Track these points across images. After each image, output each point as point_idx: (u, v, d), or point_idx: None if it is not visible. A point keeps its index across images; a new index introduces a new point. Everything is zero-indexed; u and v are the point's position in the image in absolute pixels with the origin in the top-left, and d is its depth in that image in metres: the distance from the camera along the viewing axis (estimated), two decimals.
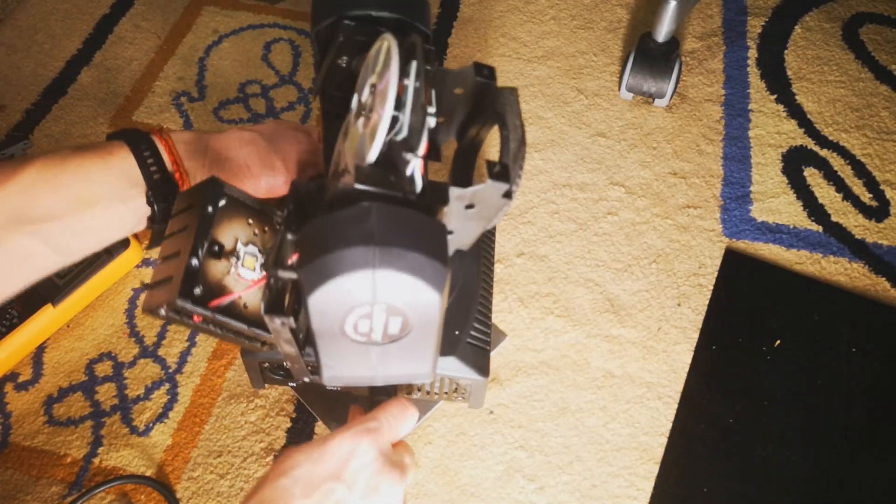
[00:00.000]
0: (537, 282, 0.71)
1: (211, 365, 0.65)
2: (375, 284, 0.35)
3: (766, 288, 0.70)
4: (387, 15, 0.45)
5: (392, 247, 0.35)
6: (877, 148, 0.81)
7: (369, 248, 0.34)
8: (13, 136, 0.80)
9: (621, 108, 0.84)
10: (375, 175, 0.38)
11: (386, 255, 0.34)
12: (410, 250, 0.35)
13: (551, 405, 0.64)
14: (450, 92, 0.46)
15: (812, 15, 0.93)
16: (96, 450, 0.61)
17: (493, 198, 0.40)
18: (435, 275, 0.35)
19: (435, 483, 0.60)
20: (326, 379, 0.43)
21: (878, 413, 0.63)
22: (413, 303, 0.36)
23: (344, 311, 0.36)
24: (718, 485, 0.60)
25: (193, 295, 0.40)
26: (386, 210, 0.36)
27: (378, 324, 0.38)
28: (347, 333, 0.38)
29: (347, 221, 0.35)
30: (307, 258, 0.35)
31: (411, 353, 0.41)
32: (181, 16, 0.92)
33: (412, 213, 0.37)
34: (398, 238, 0.35)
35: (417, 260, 0.35)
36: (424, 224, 0.37)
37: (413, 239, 0.35)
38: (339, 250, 0.35)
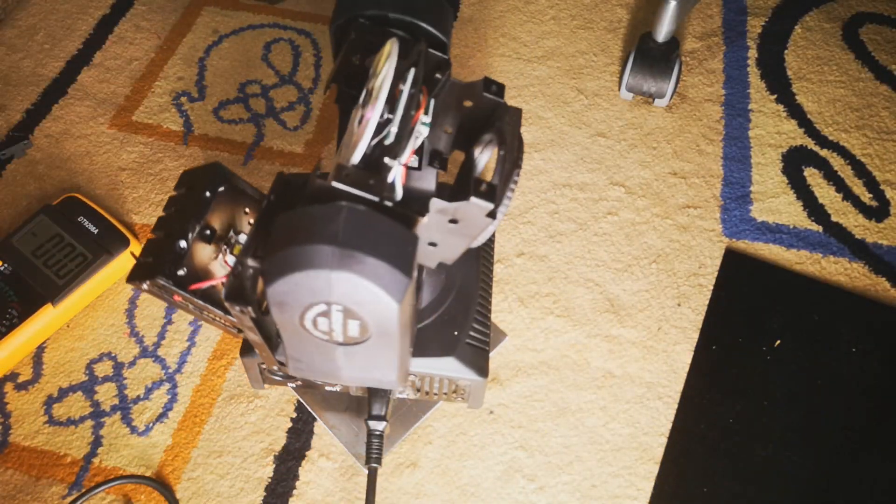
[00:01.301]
0: (537, 282, 0.71)
1: (211, 365, 0.65)
2: (331, 285, 0.35)
3: (766, 288, 0.70)
4: (403, 18, 0.45)
5: (354, 250, 0.35)
6: (877, 148, 0.81)
7: (330, 248, 0.34)
8: (13, 136, 0.80)
9: (621, 108, 0.84)
10: (354, 176, 0.38)
11: (345, 258, 0.34)
12: (372, 256, 0.35)
13: (551, 405, 0.64)
14: (459, 103, 0.46)
15: (812, 15, 0.93)
16: (96, 450, 0.61)
17: (477, 216, 0.40)
18: (394, 284, 0.35)
19: (435, 483, 0.60)
20: (293, 371, 0.44)
21: (878, 413, 0.63)
22: (370, 309, 0.36)
23: (301, 306, 0.37)
24: (718, 485, 0.60)
25: (176, 275, 0.41)
26: (356, 213, 0.36)
27: (337, 324, 0.38)
28: (307, 328, 0.38)
29: (317, 219, 0.36)
30: (272, 249, 0.36)
31: (376, 359, 0.41)
32: (181, 16, 0.92)
33: (383, 219, 0.37)
34: (362, 242, 0.35)
35: (377, 266, 0.35)
36: (394, 232, 0.36)
37: (378, 245, 0.35)
38: (301, 246, 0.35)
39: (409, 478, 0.60)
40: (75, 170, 0.78)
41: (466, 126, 0.47)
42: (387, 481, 0.60)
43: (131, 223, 0.74)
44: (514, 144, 0.43)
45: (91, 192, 0.76)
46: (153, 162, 0.78)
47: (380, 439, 0.56)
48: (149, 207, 0.75)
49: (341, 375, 0.43)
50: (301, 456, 0.61)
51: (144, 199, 0.76)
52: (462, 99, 0.45)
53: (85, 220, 0.70)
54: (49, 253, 0.67)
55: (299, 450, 0.61)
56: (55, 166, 0.78)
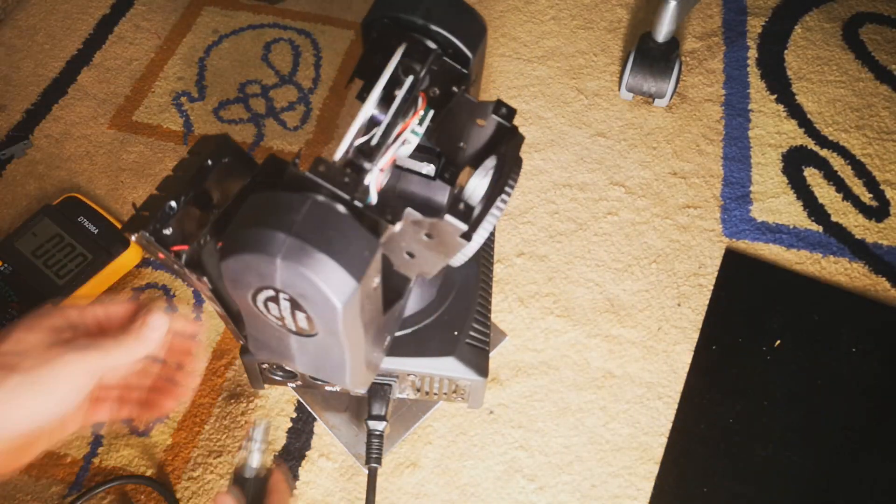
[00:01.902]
0: (537, 282, 0.71)
1: (211, 365, 0.65)
2: (277, 272, 0.35)
3: (766, 288, 0.70)
4: (428, 25, 0.44)
5: (306, 242, 0.35)
6: (877, 148, 0.81)
7: (283, 236, 0.35)
8: (13, 136, 0.80)
9: (621, 108, 0.84)
10: (329, 171, 0.38)
11: (294, 248, 0.35)
12: (323, 252, 0.35)
13: (551, 405, 0.64)
14: (471, 121, 0.45)
15: (812, 15, 0.93)
16: (96, 450, 0.61)
17: (451, 235, 0.40)
18: (340, 284, 0.35)
19: (435, 483, 0.60)
20: (252, 349, 0.45)
21: (878, 413, 0.63)
22: (314, 304, 0.36)
23: (251, 286, 0.37)
24: (718, 485, 0.60)
25: (160, 233, 0.41)
26: (320, 206, 0.36)
27: (286, 312, 0.38)
28: (260, 310, 0.38)
29: (281, 205, 0.36)
30: (233, 226, 0.36)
31: (327, 355, 0.41)
32: (181, 16, 0.92)
33: (347, 218, 0.36)
34: (316, 237, 0.35)
35: (326, 264, 0.35)
36: (354, 233, 0.36)
37: (332, 243, 0.35)
38: (258, 228, 0.35)
39: (409, 478, 0.60)
40: (75, 170, 0.78)
41: (476, 144, 0.47)
42: (387, 481, 0.60)
43: None
44: (507, 171, 0.43)
45: (91, 192, 0.76)
46: (153, 162, 0.78)
47: (380, 439, 0.56)
48: None
49: (296, 363, 0.44)
50: (301, 456, 0.61)
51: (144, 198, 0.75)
52: (476, 117, 0.45)
53: (85, 220, 0.70)
54: (49, 253, 0.67)
55: (299, 450, 0.61)
56: (55, 166, 0.78)
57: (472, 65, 0.45)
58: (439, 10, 0.45)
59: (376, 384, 0.56)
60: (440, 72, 0.45)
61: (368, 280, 0.37)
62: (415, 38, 0.44)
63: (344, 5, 0.94)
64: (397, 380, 0.55)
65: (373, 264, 0.37)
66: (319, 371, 0.44)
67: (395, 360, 0.53)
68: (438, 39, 0.45)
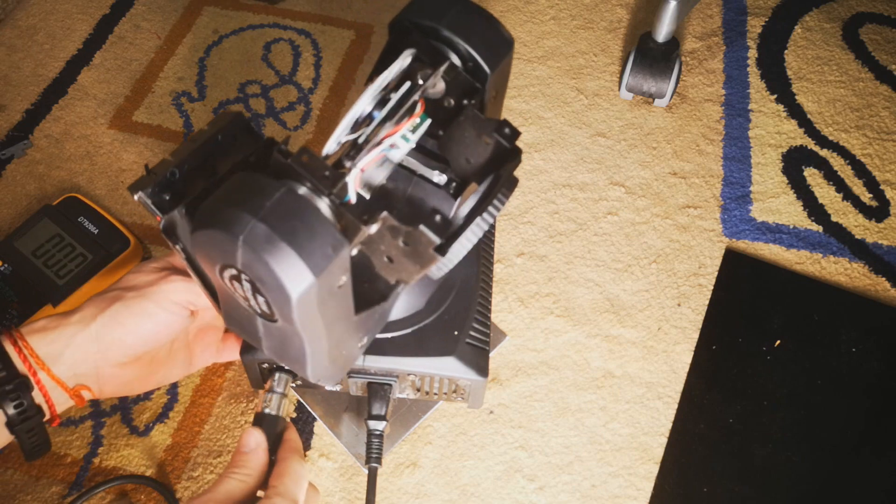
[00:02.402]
0: (537, 282, 0.71)
1: (211, 365, 0.65)
2: (237, 253, 0.36)
3: (766, 288, 0.70)
4: (451, 36, 0.44)
5: (270, 229, 0.35)
6: (877, 148, 0.81)
7: (249, 219, 0.35)
8: (13, 136, 0.80)
9: (621, 108, 0.84)
10: (311, 162, 0.39)
11: (257, 233, 0.35)
12: (284, 241, 0.35)
13: (551, 405, 0.64)
14: (478, 137, 0.45)
15: (812, 15, 0.93)
16: (96, 450, 0.61)
17: (425, 246, 0.41)
18: (297, 276, 0.35)
19: (435, 483, 0.60)
20: (226, 322, 0.46)
21: (877, 413, 0.63)
22: (270, 291, 0.37)
23: (217, 262, 0.38)
24: (718, 485, 0.60)
25: (159, 197, 0.42)
26: (293, 196, 0.36)
27: (248, 293, 0.38)
28: (227, 285, 0.39)
29: (257, 188, 0.36)
30: (209, 201, 0.37)
31: (289, 343, 0.42)
32: (181, 16, 0.92)
33: (317, 212, 0.37)
34: (282, 225, 0.35)
35: (286, 254, 0.35)
36: (321, 228, 0.36)
37: (296, 233, 0.35)
38: (229, 206, 0.36)
39: (409, 478, 0.60)
40: (75, 170, 0.78)
41: (480, 161, 0.47)
42: (387, 481, 0.60)
43: (131, 223, 0.74)
44: (495, 191, 0.43)
45: (91, 192, 0.76)
46: (153, 162, 0.78)
47: (380, 439, 0.56)
48: None
49: (262, 345, 0.44)
50: None
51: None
52: (482, 133, 0.45)
53: (85, 221, 0.70)
54: (49, 253, 0.67)
55: None
56: (55, 166, 0.78)
57: (490, 80, 0.45)
58: (464, 22, 0.45)
59: (376, 384, 0.55)
60: (454, 83, 0.45)
61: (330, 277, 0.37)
62: (433, 45, 0.44)
63: (344, 5, 0.94)
64: (397, 380, 0.55)
65: (336, 262, 0.37)
66: (283, 358, 0.44)
67: (395, 359, 0.53)
68: (459, 50, 0.45)
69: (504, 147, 0.44)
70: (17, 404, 0.45)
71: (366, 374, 0.55)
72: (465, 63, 0.45)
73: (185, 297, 0.49)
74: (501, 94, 0.49)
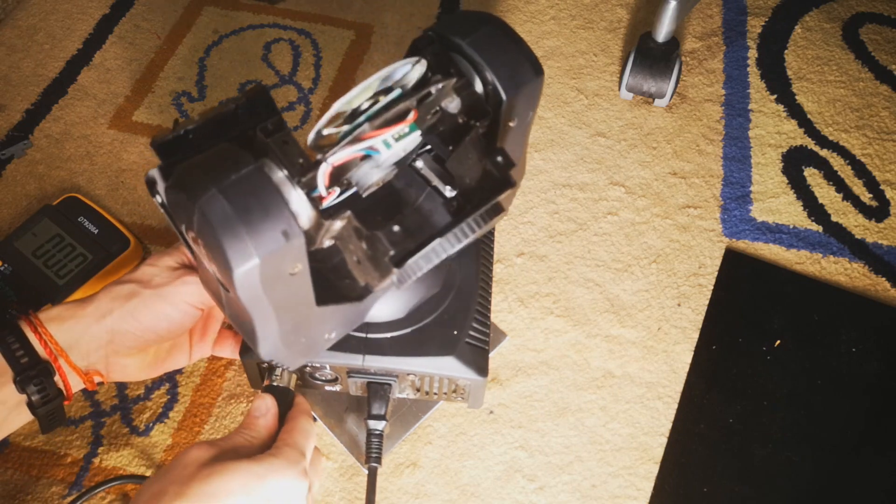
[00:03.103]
0: (537, 282, 0.71)
1: (211, 365, 0.65)
2: (192, 217, 0.36)
3: (766, 288, 0.70)
4: (474, 55, 0.43)
5: (227, 202, 0.36)
6: (877, 148, 0.81)
7: (212, 188, 0.36)
8: (13, 136, 0.80)
9: (621, 108, 0.84)
10: (288, 147, 0.39)
11: (212, 202, 0.36)
12: (237, 216, 0.36)
13: (551, 405, 0.64)
14: (479, 161, 0.45)
15: (812, 15, 0.93)
16: (96, 450, 0.61)
17: (381, 254, 0.41)
18: (240, 253, 0.36)
19: (435, 483, 0.60)
20: (201, 280, 0.47)
21: (878, 413, 0.63)
22: (218, 263, 0.37)
23: (181, 221, 0.39)
24: (718, 485, 0.60)
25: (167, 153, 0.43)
26: (260, 176, 0.37)
27: (205, 259, 0.39)
28: (192, 244, 0.40)
29: (230, 161, 0.37)
30: (187, 163, 0.38)
31: (242, 316, 0.42)
32: (181, 16, 0.92)
33: (278, 198, 0.37)
34: (239, 200, 0.36)
35: (235, 228, 0.36)
36: (277, 213, 0.37)
37: (251, 212, 0.36)
38: (198, 172, 0.37)
39: (409, 478, 0.60)
40: (75, 170, 0.78)
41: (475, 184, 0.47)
42: (387, 481, 0.60)
43: (131, 223, 0.74)
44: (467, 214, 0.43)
45: (91, 192, 0.76)
46: (153, 162, 0.78)
47: (380, 439, 0.56)
48: (149, 207, 0.75)
49: (224, 310, 0.45)
50: None
51: (144, 199, 0.75)
52: (481, 158, 0.45)
53: (85, 221, 0.70)
54: (49, 253, 0.67)
55: None
56: (55, 166, 0.78)
57: (506, 107, 0.44)
58: (490, 43, 0.44)
59: (376, 384, 0.55)
60: (467, 101, 0.44)
61: (278, 262, 0.37)
62: (452, 59, 0.44)
63: (344, 5, 0.94)
64: (397, 379, 0.55)
65: (286, 248, 0.37)
66: (239, 328, 0.45)
67: (395, 359, 0.53)
68: (480, 70, 0.44)
69: (494, 175, 0.44)
70: (40, 388, 0.47)
71: (366, 373, 0.55)
72: (486, 85, 0.44)
73: (199, 298, 0.51)
74: (524, 124, 0.47)
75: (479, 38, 0.43)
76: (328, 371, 0.55)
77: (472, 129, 0.44)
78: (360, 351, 0.53)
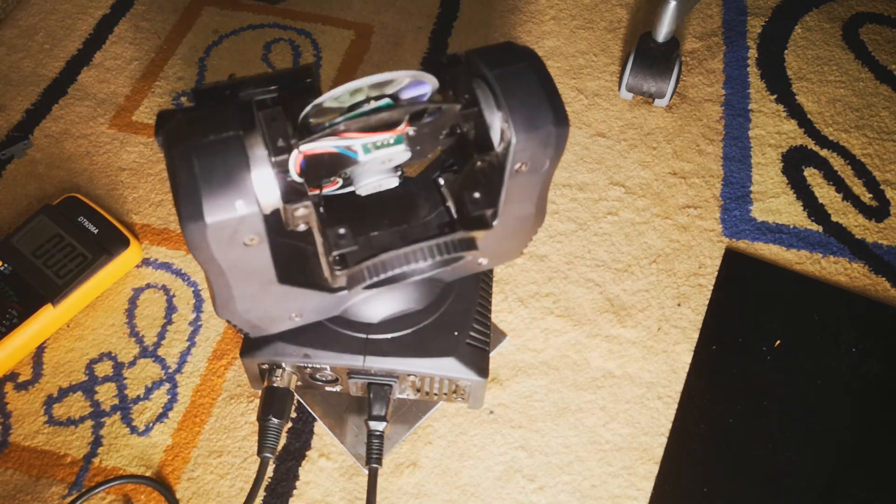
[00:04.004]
0: (537, 282, 0.71)
1: (211, 365, 0.65)
2: (167, 164, 0.39)
3: (766, 288, 0.70)
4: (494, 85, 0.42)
5: (195, 158, 0.37)
6: (877, 148, 0.81)
7: (188, 141, 0.38)
8: (13, 136, 0.80)
9: (621, 108, 0.84)
10: (275, 126, 0.40)
11: (182, 156, 0.38)
12: (199, 176, 0.37)
13: (551, 405, 0.64)
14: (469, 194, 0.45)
15: (812, 15, 0.93)
16: (96, 450, 0.61)
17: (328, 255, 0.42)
18: (191, 210, 0.38)
19: (435, 483, 0.60)
20: None
21: (878, 413, 0.63)
22: (176, 211, 0.39)
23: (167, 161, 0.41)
24: (718, 485, 0.60)
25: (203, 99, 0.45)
26: (235, 144, 0.38)
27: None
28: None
29: (220, 122, 0.39)
30: (185, 112, 0.41)
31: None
32: (181, 16, 0.92)
33: (244, 170, 0.38)
34: (206, 160, 0.38)
35: (192, 186, 0.37)
36: (240, 183, 0.38)
37: (212, 174, 0.37)
38: (187, 124, 0.39)
39: (409, 478, 0.60)
40: (75, 170, 0.78)
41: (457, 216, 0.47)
42: (387, 481, 0.60)
43: (131, 223, 0.74)
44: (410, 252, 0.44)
45: (91, 192, 0.76)
46: (153, 162, 0.78)
47: (380, 440, 0.56)
48: (149, 207, 0.75)
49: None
50: (301, 456, 0.61)
51: (144, 199, 0.76)
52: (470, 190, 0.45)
53: (85, 220, 0.70)
54: (49, 253, 0.67)
55: (299, 450, 0.61)
56: (55, 166, 0.78)
57: (515, 149, 0.41)
58: (516, 80, 0.42)
59: (376, 385, 0.56)
60: (475, 132, 0.43)
61: (229, 229, 0.38)
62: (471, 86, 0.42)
63: (344, 5, 0.94)
64: (397, 380, 0.55)
65: (239, 219, 0.38)
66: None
67: (395, 360, 0.53)
68: (500, 104, 0.42)
69: (467, 210, 0.44)
70: None
71: (366, 374, 0.55)
72: (505, 121, 0.42)
73: None
74: (540, 174, 0.45)
75: (507, 73, 0.42)
76: (328, 372, 0.55)
77: (470, 162, 0.43)
78: (361, 352, 0.53)
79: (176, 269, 0.71)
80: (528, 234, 0.50)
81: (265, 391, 0.55)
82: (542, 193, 0.48)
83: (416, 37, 0.90)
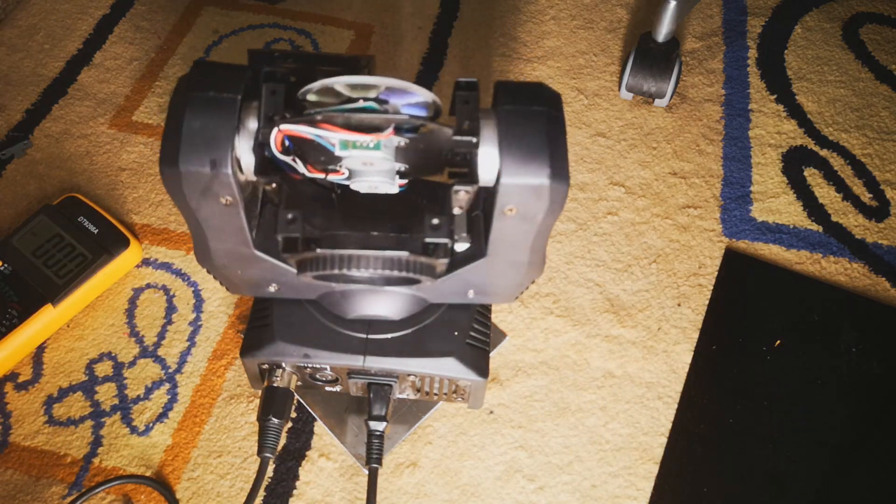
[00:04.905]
0: (537, 282, 0.71)
1: (211, 365, 0.65)
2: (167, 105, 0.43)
3: (766, 288, 0.70)
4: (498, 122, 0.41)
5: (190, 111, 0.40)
6: (877, 148, 0.81)
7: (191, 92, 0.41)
8: (13, 136, 0.80)
9: (621, 108, 0.84)
10: (273, 99, 0.42)
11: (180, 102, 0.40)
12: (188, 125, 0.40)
13: (551, 405, 0.64)
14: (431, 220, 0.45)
15: (812, 15, 0.93)
16: (96, 450, 0.61)
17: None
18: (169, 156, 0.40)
19: (435, 483, 0.60)
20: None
21: (878, 413, 0.63)
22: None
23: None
24: (718, 485, 0.60)
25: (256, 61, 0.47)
26: (229, 106, 0.41)
27: None
28: None
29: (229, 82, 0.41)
30: (199, 64, 0.43)
31: None
32: (181, 16, 0.92)
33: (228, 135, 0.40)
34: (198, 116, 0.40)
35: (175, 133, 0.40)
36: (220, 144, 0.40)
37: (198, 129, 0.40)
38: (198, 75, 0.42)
39: (409, 478, 0.60)
40: (75, 170, 0.78)
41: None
42: (387, 481, 0.60)
43: (131, 223, 0.74)
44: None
45: (91, 192, 0.76)
46: (153, 162, 0.78)
47: (380, 440, 0.56)
48: (149, 207, 0.75)
49: None
50: (301, 456, 0.61)
51: (144, 199, 0.76)
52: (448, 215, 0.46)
53: (85, 220, 0.70)
54: (49, 253, 0.67)
55: (299, 450, 0.61)
56: (55, 166, 0.78)
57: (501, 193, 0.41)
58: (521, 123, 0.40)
59: (376, 385, 0.56)
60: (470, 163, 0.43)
61: (202, 183, 0.40)
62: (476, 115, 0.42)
63: (344, 5, 0.94)
64: (398, 380, 0.55)
65: (211, 175, 0.40)
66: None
67: (396, 360, 0.53)
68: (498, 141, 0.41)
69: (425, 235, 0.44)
70: None
71: (366, 374, 0.55)
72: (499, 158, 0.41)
73: None
74: (533, 224, 0.43)
75: (517, 111, 0.40)
76: (328, 372, 0.55)
77: (449, 189, 0.41)
78: (361, 352, 0.53)
79: (176, 269, 0.71)
80: (521, 280, 0.50)
81: (265, 391, 0.55)
82: (536, 244, 0.46)
83: (416, 37, 0.90)
